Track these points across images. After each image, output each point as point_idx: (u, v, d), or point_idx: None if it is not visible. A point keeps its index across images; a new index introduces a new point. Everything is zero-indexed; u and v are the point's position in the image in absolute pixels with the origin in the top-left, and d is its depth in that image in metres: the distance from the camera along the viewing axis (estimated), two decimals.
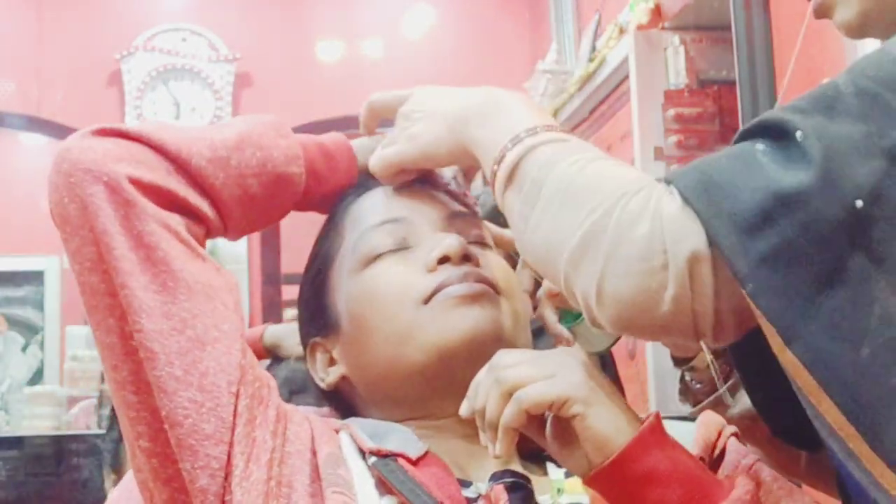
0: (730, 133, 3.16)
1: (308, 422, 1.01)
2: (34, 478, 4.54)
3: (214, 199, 1.03)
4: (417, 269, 1.05)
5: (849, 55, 2.23)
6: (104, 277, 0.96)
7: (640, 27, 3.35)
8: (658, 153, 3.24)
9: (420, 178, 1.11)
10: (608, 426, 0.88)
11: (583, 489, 0.97)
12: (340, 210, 1.12)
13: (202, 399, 0.93)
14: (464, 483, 0.98)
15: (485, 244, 1.11)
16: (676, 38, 3.29)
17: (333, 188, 1.12)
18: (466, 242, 1.06)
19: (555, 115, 4.02)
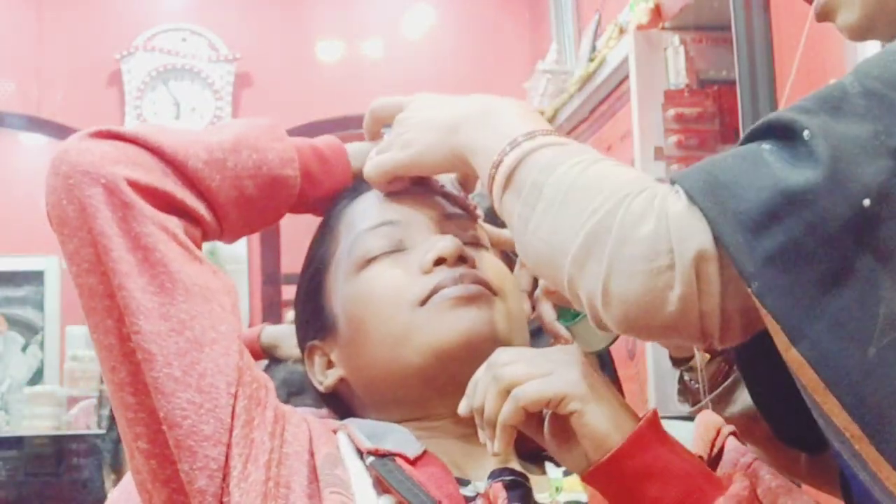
0: (730, 133, 3.16)
1: (306, 423, 1.01)
2: (34, 478, 4.55)
3: (211, 201, 1.03)
4: (413, 271, 1.05)
5: (849, 56, 2.23)
6: (102, 279, 0.96)
7: (640, 27, 3.35)
8: (658, 153, 3.24)
9: (415, 181, 1.10)
10: (606, 423, 0.88)
11: (581, 487, 0.98)
12: (335, 213, 1.12)
13: (201, 400, 0.93)
14: (462, 482, 0.98)
15: (480, 245, 1.11)
16: (676, 38, 3.29)
17: (328, 191, 1.12)
18: (462, 244, 1.06)
19: (555, 116, 4.02)
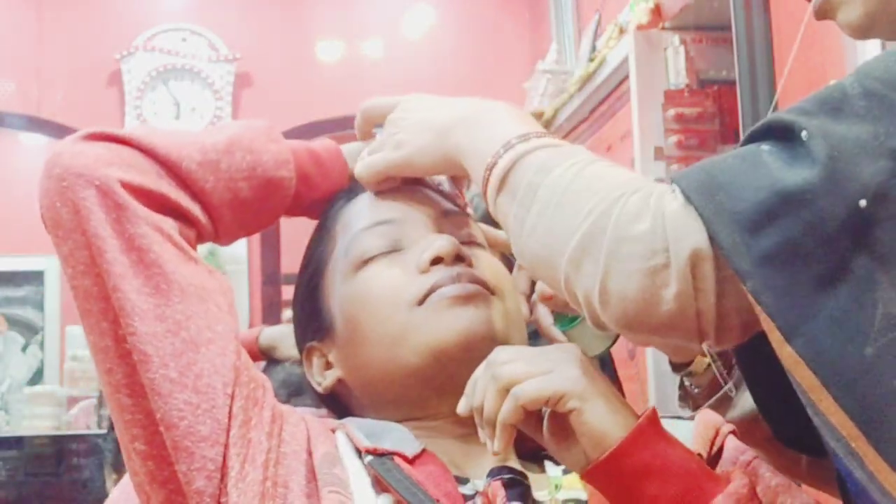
0: (730, 133, 3.16)
1: (304, 422, 1.01)
2: (34, 478, 4.55)
3: (205, 203, 1.03)
4: (410, 271, 1.05)
5: (848, 55, 2.23)
6: (97, 281, 0.96)
7: (640, 27, 3.35)
8: (658, 153, 3.23)
9: (408, 180, 1.10)
10: (605, 421, 0.88)
11: (580, 485, 0.97)
12: (331, 214, 1.12)
13: (197, 401, 0.93)
14: (461, 480, 0.98)
15: (477, 244, 1.11)
16: (676, 38, 3.29)
17: (324, 193, 1.12)
18: (458, 243, 1.06)
19: (555, 116, 4.03)
